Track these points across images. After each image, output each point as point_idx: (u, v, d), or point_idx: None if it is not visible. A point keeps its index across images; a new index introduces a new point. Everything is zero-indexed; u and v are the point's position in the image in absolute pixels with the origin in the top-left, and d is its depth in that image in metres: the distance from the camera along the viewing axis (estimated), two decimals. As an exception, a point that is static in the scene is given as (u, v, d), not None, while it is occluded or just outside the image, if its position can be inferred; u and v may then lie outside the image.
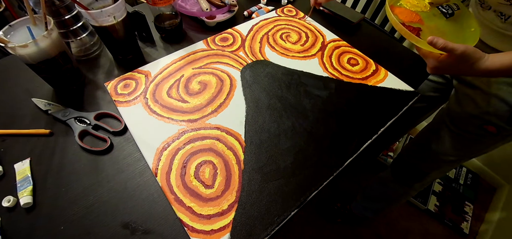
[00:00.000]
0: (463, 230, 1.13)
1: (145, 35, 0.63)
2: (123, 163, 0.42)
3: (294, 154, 0.44)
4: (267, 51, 0.61)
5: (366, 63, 0.61)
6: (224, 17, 0.68)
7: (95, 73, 0.55)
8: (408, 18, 0.49)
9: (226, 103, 0.50)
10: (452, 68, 0.42)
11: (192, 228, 0.36)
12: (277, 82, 0.55)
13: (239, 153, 0.44)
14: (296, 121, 0.48)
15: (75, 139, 0.44)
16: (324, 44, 0.64)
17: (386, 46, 0.67)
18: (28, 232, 0.35)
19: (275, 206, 0.39)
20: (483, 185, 1.30)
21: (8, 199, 0.37)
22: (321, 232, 1.11)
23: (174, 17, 0.62)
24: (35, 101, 0.48)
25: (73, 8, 0.51)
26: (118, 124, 0.47)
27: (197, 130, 0.46)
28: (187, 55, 0.59)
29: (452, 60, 0.41)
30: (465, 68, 0.41)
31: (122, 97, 0.50)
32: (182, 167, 0.41)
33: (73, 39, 0.55)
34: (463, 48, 0.39)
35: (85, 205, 0.38)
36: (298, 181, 0.41)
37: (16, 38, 0.44)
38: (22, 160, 0.41)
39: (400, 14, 0.49)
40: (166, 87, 0.52)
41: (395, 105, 0.53)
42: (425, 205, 1.17)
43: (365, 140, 0.47)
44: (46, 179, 0.40)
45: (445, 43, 0.39)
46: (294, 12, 0.74)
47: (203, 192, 0.39)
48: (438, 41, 0.40)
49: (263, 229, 0.37)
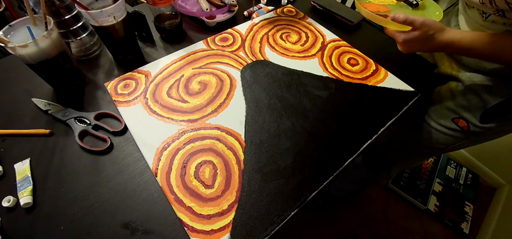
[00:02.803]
0: (463, 230, 1.13)
1: (145, 35, 0.63)
2: (123, 163, 0.42)
3: (294, 154, 0.44)
4: (267, 51, 0.61)
5: (366, 63, 0.61)
6: (224, 17, 0.68)
7: (95, 73, 0.55)
8: (376, 9, 0.53)
9: (226, 103, 0.50)
10: (417, 41, 0.46)
11: (192, 228, 0.36)
12: (277, 82, 0.55)
13: (239, 153, 0.44)
14: (296, 120, 0.48)
15: (75, 139, 0.44)
16: (324, 44, 0.64)
17: (386, 46, 0.67)
18: (28, 232, 0.35)
19: (275, 206, 0.39)
20: (483, 185, 1.30)
21: (8, 199, 0.37)
22: (321, 232, 1.11)
23: (174, 17, 0.62)
24: (35, 101, 0.48)
25: (73, 8, 0.51)
26: (118, 124, 0.47)
27: (197, 130, 0.46)
28: (187, 55, 0.59)
29: (415, 32, 0.45)
30: (429, 41, 0.45)
31: (122, 97, 0.50)
32: (182, 167, 0.41)
33: (73, 39, 0.55)
34: (422, 19, 0.44)
35: (85, 205, 0.38)
36: (298, 181, 0.41)
37: (16, 38, 0.44)
38: (22, 160, 0.41)
39: (369, 7, 0.53)
40: (166, 87, 0.52)
41: (395, 105, 0.53)
42: (425, 205, 1.17)
43: (365, 140, 0.47)
44: (46, 179, 0.40)
45: (405, 16, 0.45)
46: (294, 12, 0.74)
47: (203, 192, 0.39)
48: (400, 16, 0.45)
49: (263, 229, 0.37)
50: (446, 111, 0.59)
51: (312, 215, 1.14)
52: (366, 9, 0.51)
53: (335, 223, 1.13)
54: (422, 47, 0.47)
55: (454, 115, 0.57)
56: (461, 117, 0.56)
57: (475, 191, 1.25)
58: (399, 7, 0.55)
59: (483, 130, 0.54)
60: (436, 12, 0.52)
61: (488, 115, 0.52)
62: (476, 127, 0.55)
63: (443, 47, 0.46)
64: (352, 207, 1.18)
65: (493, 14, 0.44)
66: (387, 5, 0.55)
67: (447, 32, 0.45)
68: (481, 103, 0.52)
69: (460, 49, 0.45)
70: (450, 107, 0.58)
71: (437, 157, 1.34)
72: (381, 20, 0.49)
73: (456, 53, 0.48)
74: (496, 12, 0.43)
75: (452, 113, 0.58)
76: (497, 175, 1.26)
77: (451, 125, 0.58)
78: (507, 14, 0.42)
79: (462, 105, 0.55)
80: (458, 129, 0.58)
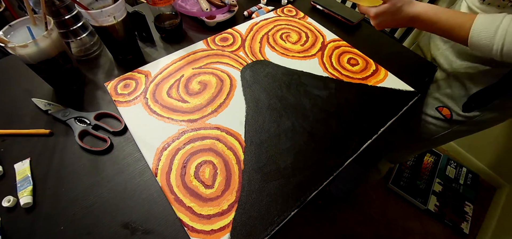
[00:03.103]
0: (463, 230, 1.13)
1: (145, 35, 0.63)
2: (123, 163, 0.42)
3: (294, 154, 0.44)
4: (267, 51, 0.61)
5: (366, 63, 0.61)
6: (224, 17, 0.68)
7: (95, 73, 0.55)
8: None
9: (226, 103, 0.50)
10: (387, 14, 0.49)
11: (192, 228, 0.36)
12: (277, 82, 0.55)
13: (239, 153, 0.44)
14: (296, 120, 0.48)
15: (75, 139, 0.44)
16: (324, 44, 0.64)
17: (386, 46, 0.67)
18: (28, 232, 0.35)
19: (275, 206, 0.39)
20: (483, 185, 1.30)
21: (8, 199, 0.37)
22: (321, 232, 1.11)
23: (174, 17, 0.62)
24: (35, 101, 0.48)
25: (73, 8, 0.51)
26: (118, 124, 0.47)
27: (197, 130, 0.46)
28: (187, 55, 0.59)
29: (385, 5, 0.49)
30: (398, 13, 0.48)
31: (122, 97, 0.50)
32: (182, 167, 0.41)
33: (73, 39, 0.55)
34: None
35: (85, 205, 0.38)
36: (298, 181, 0.41)
37: (16, 38, 0.44)
38: (22, 160, 0.41)
39: None
40: (166, 87, 0.52)
41: (395, 105, 0.53)
42: (425, 205, 1.17)
43: (365, 140, 0.47)
44: (46, 179, 0.40)
45: None
46: (294, 12, 0.74)
47: (203, 192, 0.39)
48: None
49: (263, 229, 0.37)
50: (431, 100, 0.60)
51: (312, 215, 1.14)
52: None
53: (335, 223, 1.13)
54: (392, 20, 0.50)
55: (438, 104, 0.58)
56: (444, 106, 0.57)
57: (475, 191, 1.25)
58: None
59: (466, 118, 0.55)
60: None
61: (470, 103, 0.53)
62: (458, 116, 0.55)
63: (411, 19, 0.48)
64: (352, 207, 1.18)
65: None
66: None
67: (414, 5, 0.47)
68: (464, 92, 0.53)
69: (426, 23, 0.47)
70: (435, 96, 0.59)
71: (437, 157, 1.34)
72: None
73: (423, 28, 0.49)
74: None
75: (436, 102, 0.59)
76: (497, 175, 1.26)
77: (435, 114, 0.59)
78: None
79: (446, 94, 0.56)
80: (442, 117, 0.58)
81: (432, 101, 0.60)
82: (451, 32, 0.44)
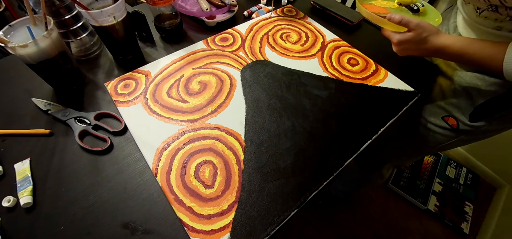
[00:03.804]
0: (463, 230, 1.13)
1: (145, 35, 0.63)
2: (123, 163, 0.42)
3: (294, 154, 0.44)
4: (267, 51, 0.61)
5: (366, 63, 0.61)
6: (224, 17, 0.68)
7: (95, 73, 0.55)
8: (377, 11, 0.53)
9: (226, 103, 0.50)
10: (411, 43, 0.47)
11: (192, 228, 0.36)
12: (277, 82, 0.55)
13: (239, 153, 0.44)
14: (296, 121, 0.48)
15: (75, 139, 0.44)
16: (324, 44, 0.64)
17: (386, 46, 0.67)
18: (28, 232, 0.35)
19: (275, 206, 0.39)
20: (483, 185, 1.30)
21: (8, 199, 0.37)
22: (321, 232, 1.11)
23: (174, 17, 0.62)
24: (35, 101, 0.48)
25: (73, 8, 0.51)
26: (118, 124, 0.47)
27: (197, 130, 0.46)
28: (187, 55, 0.59)
29: (410, 34, 0.46)
30: (423, 43, 0.46)
31: (122, 97, 0.50)
32: (182, 167, 0.41)
33: (73, 39, 0.55)
34: (418, 21, 0.45)
35: (85, 205, 0.38)
36: (298, 181, 0.41)
37: (16, 38, 0.44)
38: (22, 160, 0.41)
39: (369, 8, 0.54)
40: (166, 87, 0.52)
41: (395, 105, 0.53)
42: (425, 205, 1.17)
43: (365, 140, 0.47)
44: (46, 179, 0.40)
45: (401, 16, 0.46)
46: (294, 12, 0.74)
47: (203, 192, 0.39)
48: (396, 16, 0.46)
49: (263, 229, 0.37)
50: (436, 109, 0.59)
51: (312, 215, 1.14)
52: (366, 10, 0.51)
53: (335, 223, 1.13)
54: (416, 49, 0.47)
55: (444, 113, 0.58)
56: (451, 116, 0.56)
57: (475, 191, 1.25)
58: (400, 11, 0.55)
59: (472, 128, 0.55)
60: (435, 18, 0.53)
61: (477, 113, 0.52)
62: (465, 125, 0.55)
63: (436, 51, 0.46)
64: (352, 207, 1.18)
65: (486, 9, 0.44)
66: (388, 8, 0.55)
67: (441, 36, 0.45)
68: (470, 102, 0.52)
69: (452, 54, 0.45)
70: (441, 105, 0.58)
71: (437, 157, 1.34)
72: (379, 20, 0.49)
73: (448, 59, 0.48)
74: (489, 8, 0.43)
75: (442, 111, 0.58)
76: (497, 175, 1.26)
77: (441, 123, 0.59)
78: (499, 10, 0.42)
79: (452, 104, 0.56)
80: (448, 127, 0.58)
81: (437, 110, 0.59)
82: (481, 63, 0.43)
